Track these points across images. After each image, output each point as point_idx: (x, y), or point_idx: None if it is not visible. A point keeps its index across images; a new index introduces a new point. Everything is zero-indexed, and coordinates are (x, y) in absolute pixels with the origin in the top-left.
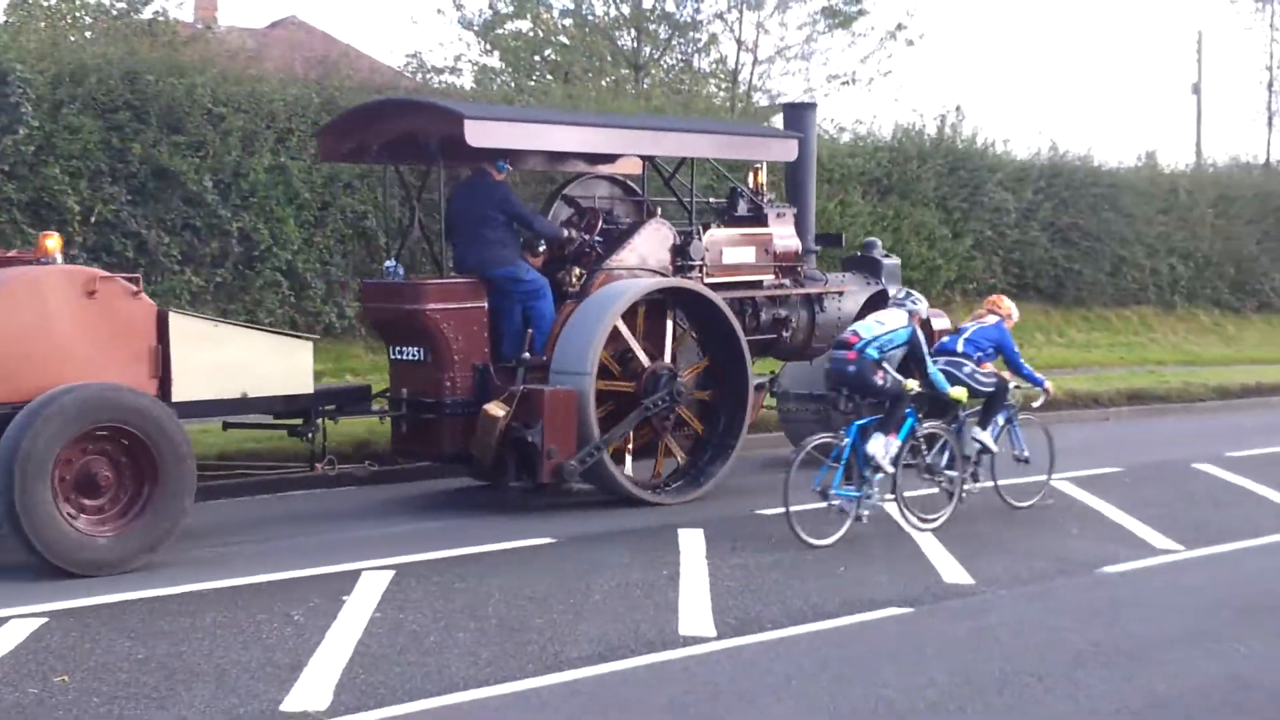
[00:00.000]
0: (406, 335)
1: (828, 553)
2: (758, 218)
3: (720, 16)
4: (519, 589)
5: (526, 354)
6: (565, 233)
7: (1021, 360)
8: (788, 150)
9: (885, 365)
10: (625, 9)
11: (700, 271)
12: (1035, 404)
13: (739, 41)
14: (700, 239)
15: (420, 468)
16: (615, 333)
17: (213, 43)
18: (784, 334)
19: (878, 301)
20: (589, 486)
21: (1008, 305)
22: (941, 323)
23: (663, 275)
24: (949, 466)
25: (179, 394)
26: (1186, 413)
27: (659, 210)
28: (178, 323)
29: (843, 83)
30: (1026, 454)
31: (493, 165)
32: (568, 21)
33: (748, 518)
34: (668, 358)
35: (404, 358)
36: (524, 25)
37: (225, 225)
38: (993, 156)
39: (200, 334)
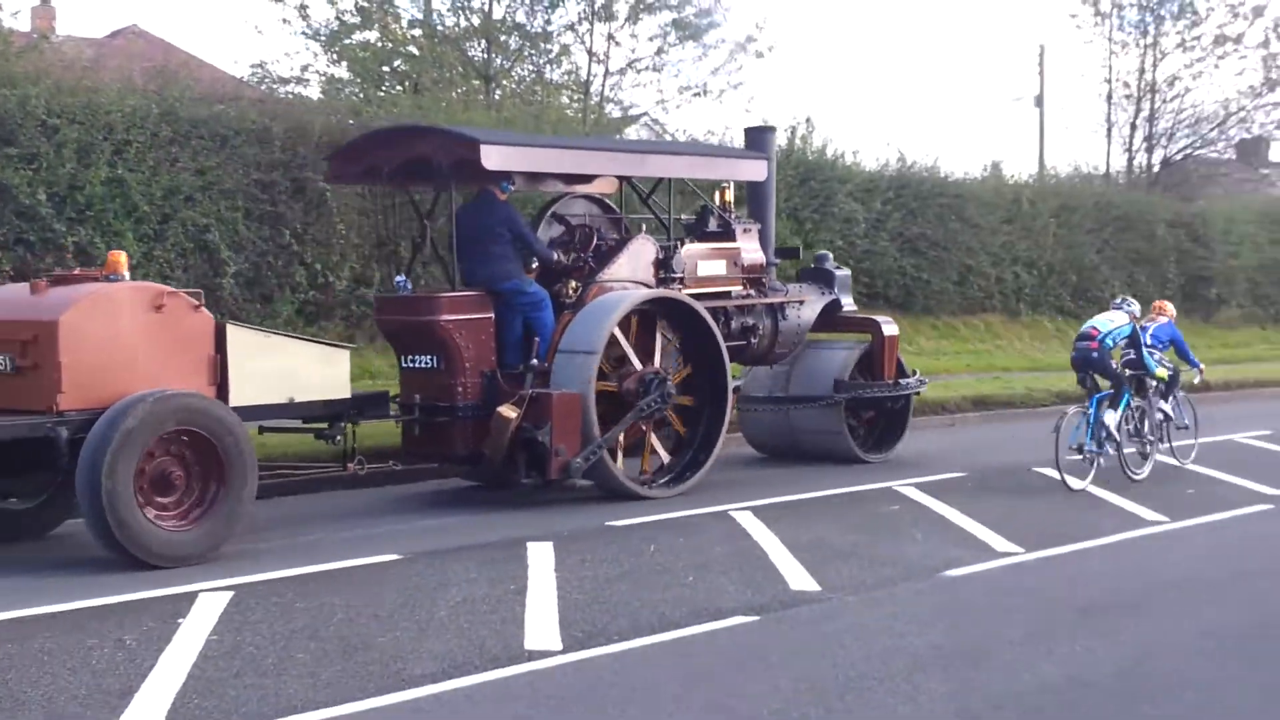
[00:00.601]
0: (420, 344)
1: (676, 563)
2: (727, 233)
3: (572, 28)
4: (362, 607)
5: (535, 361)
6: (554, 255)
7: (1188, 348)
8: (758, 170)
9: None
10: (475, 20)
11: (680, 283)
12: (1195, 381)
13: (590, 53)
14: (679, 253)
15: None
16: (611, 339)
17: (48, 53)
18: (752, 340)
19: (832, 310)
20: (589, 483)
21: (1171, 309)
22: (890, 329)
23: (648, 287)
24: (1149, 430)
25: (235, 399)
26: (1030, 418)
27: (644, 227)
28: (234, 333)
29: (694, 94)
30: (1187, 422)
31: (497, 186)
32: (416, 32)
33: (598, 530)
34: (657, 363)
35: (416, 365)
36: (372, 36)
37: (60, 240)
38: (842, 168)
39: (253, 343)
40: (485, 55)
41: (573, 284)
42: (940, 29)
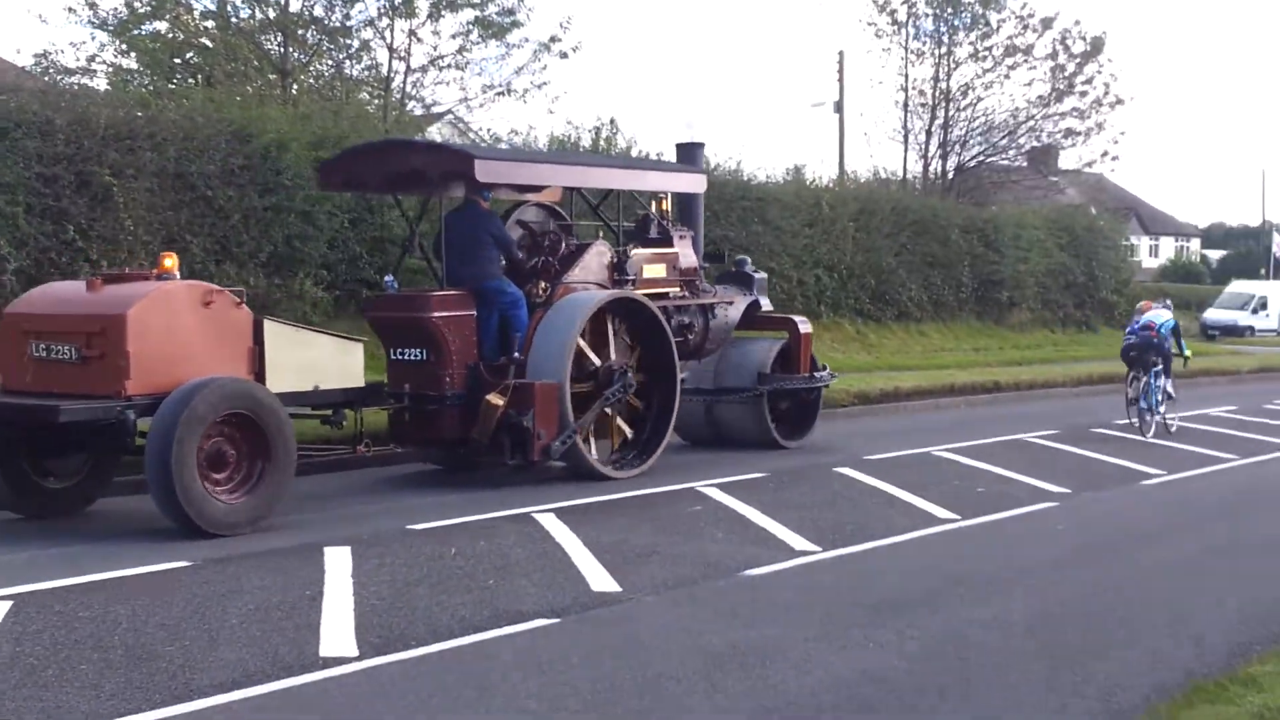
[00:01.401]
0: (410, 339)
1: (477, 566)
2: (665, 239)
3: (372, 23)
4: (149, 616)
5: (517, 354)
6: (522, 257)
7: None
8: (698, 183)
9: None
10: (272, 12)
11: (632, 284)
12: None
13: (391, 49)
14: (630, 258)
15: None
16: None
17: None
18: (689, 337)
19: (752, 310)
20: (564, 464)
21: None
22: (805, 327)
23: (604, 288)
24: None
25: (271, 386)
26: (829, 418)
27: (600, 233)
28: (270, 327)
29: (498, 93)
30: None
31: (479, 196)
32: (210, 24)
33: (398, 534)
34: (613, 356)
35: (405, 358)
36: (163, 26)
37: None
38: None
39: (285, 336)
40: (282, 49)
41: (542, 285)
42: (744, 34)
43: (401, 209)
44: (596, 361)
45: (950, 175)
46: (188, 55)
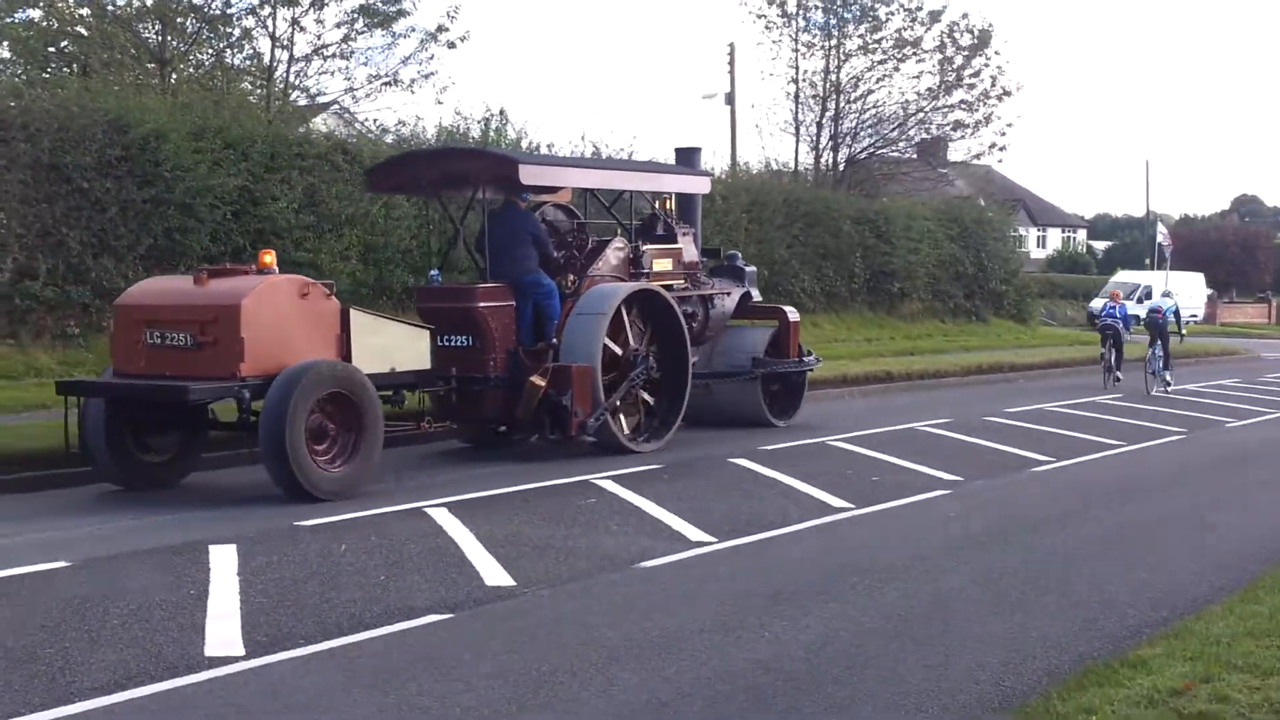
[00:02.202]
0: (456, 327)
1: (368, 562)
2: (670, 236)
3: (253, 11)
4: (27, 618)
5: (555, 340)
6: (556, 255)
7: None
8: (704, 184)
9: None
10: (149, 0)
11: (646, 278)
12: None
13: (274, 38)
14: (644, 253)
15: None
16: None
17: None
18: (692, 325)
19: (744, 300)
20: (595, 439)
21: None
22: (793, 315)
23: (622, 280)
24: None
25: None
26: None
27: (618, 231)
28: (355, 316)
29: (384, 83)
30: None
31: (518, 198)
32: (85, 11)
33: (286, 531)
34: (632, 343)
35: (452, 344)
36: (36, 14)
37: None
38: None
39: (367, 324)
40: (160, 38)
41: (570, 277)
42: (636, 25)
43: (447, 210)
44: (617, 349)
45: (841, 167)
46: (62, 44)
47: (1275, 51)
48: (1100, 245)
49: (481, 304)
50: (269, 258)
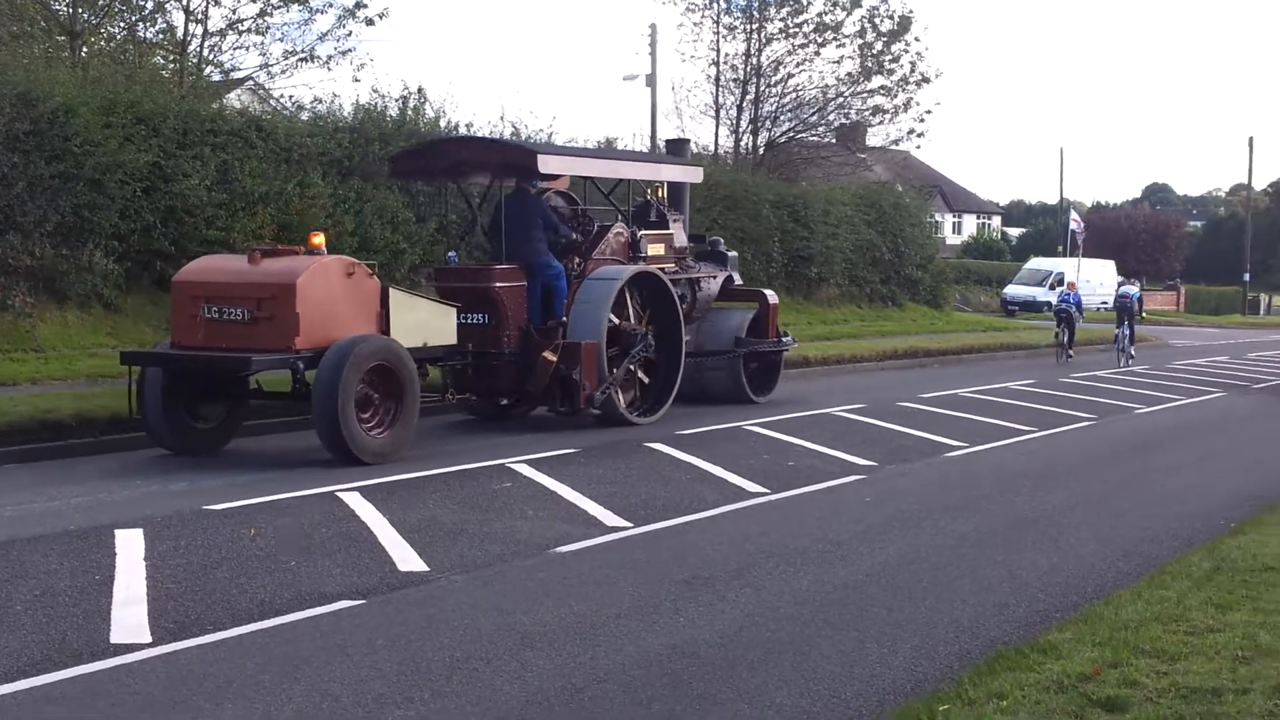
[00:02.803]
0: (474, 305)
1: (280, 547)
2: (663, 221)
3: None
4: None
5: (565, 318)
6: (571, 236)
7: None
8: (696, 174)
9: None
10: None
11: (644, 261)
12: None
13: (188, 12)
14: (641, 238)
15: None
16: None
17: None
18: (681, 306)
19: (727, 284)
20: (599, 411)
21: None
22: (773, 298)
23: (622, 263)
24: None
25: None
26: None
27: (619, 216)
28: (394, 294)
29: (300, 59)
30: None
31: (529, 184)
32: None
33: (194, 515)
34: (631, 321)
35: (469, 322)
36: None
37: None
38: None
39: (404, 302)
40: (71, 10)
41: (576, 259)
42: (557, 4)
43: (465, 196)
44: (619, 327)
45: (761, 151)
46: None
47: (1187, 43)
48: (1015, 232)
49: (497, 284)
50: (319, 239)
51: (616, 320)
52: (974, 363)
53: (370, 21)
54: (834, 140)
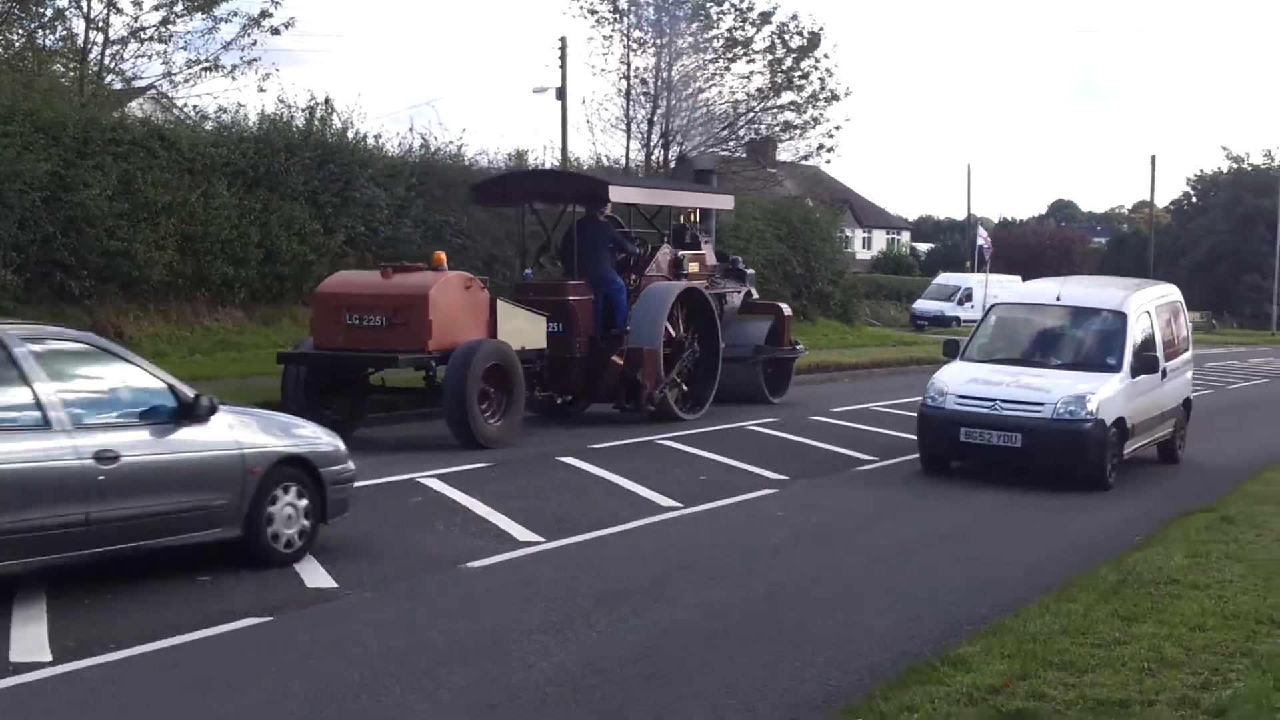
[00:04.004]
0: (549, 315)
1: (190, 564)
2: (696, 243)
3: None
4: None
5: (629, 328)
6: (637, 253)
7: None
8: (728, 202)
9: None
10: None
11: (685, 278)
12: None
13: (89, 19)
14: (683, 258)
15: None
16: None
17: None
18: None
19: (747, 297)
20: (654, 409)
21: None
22: (787, 310)
23: (668, 280)
24: None
25: None
26: (547, 412)
27: (665, 238)
28: (501, 304)
29: (204, 68)
30: None
31: (597, 209)
32: None
33: None
34: (680, 330)
35: (547, 330)
36: None
37: None
38: (364, 151)
39: (507, 311)
40: None
41: (633, 276)
42: (467, 16)
43: (541, 220)
44: (671, 335)
45: (672, 164)
46: None
47: (1091, 63)
48: (923, 247)
49: (570, 297)
50: (443, 257)
51: (673, 331)
52: (885, 377)
53: (276, 31)
54: (744, 155)
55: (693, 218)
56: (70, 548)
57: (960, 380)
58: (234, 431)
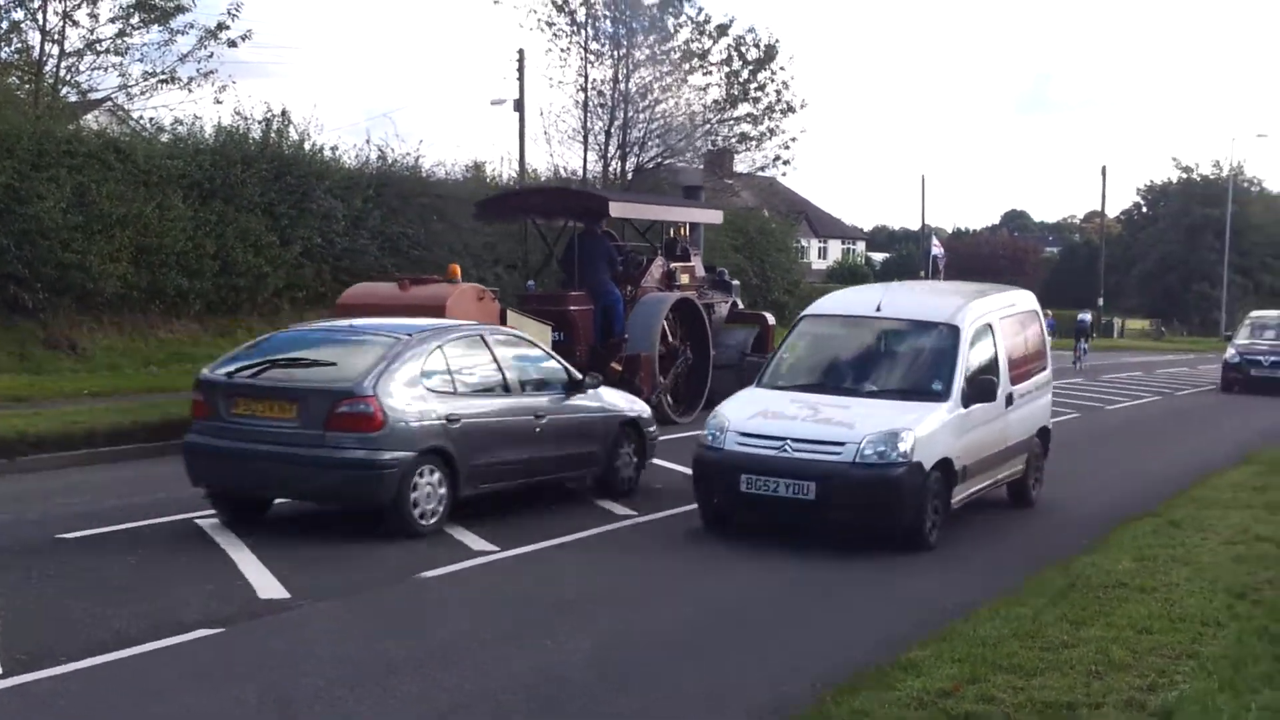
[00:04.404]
0: (555, 325)
1: (138, 576)
2: (686, 255)
3: (21, 3)
4: None
5: (627, 336)
6: (631, 267)
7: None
8: (717, 217)
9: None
10: None
11: (677, 289)
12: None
13: (44, 32)
14: (674, 269)
15: None
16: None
17: None
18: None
19: (733, 308)
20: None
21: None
22: (771, 320)
23: (662, 291)
24: None
25: None
26: None
27: (659, 250)
28: (510, 314)
29: (161, 80)
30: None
31: (596, 224)
32: None
33: (47, 544)
34: (672, 339)
35: (551, 339)
36: None
37: None
38: (320, 163)
39: (516, 320)
40: None
41: (629, 287)
42: (425, 28)
43: (542, 235)
44: (666, 343)
45: (630, 176)
46: None
47: (1043, 74)
48: (879, 257)
49: (572, 307)
50: (458, 269)
51: (668, 338)
52: None
53: (233, 43)
54: (702, 166)
55: (682, 232)
56: (519, 478)
57: (744, 414)
58: (602, 401)
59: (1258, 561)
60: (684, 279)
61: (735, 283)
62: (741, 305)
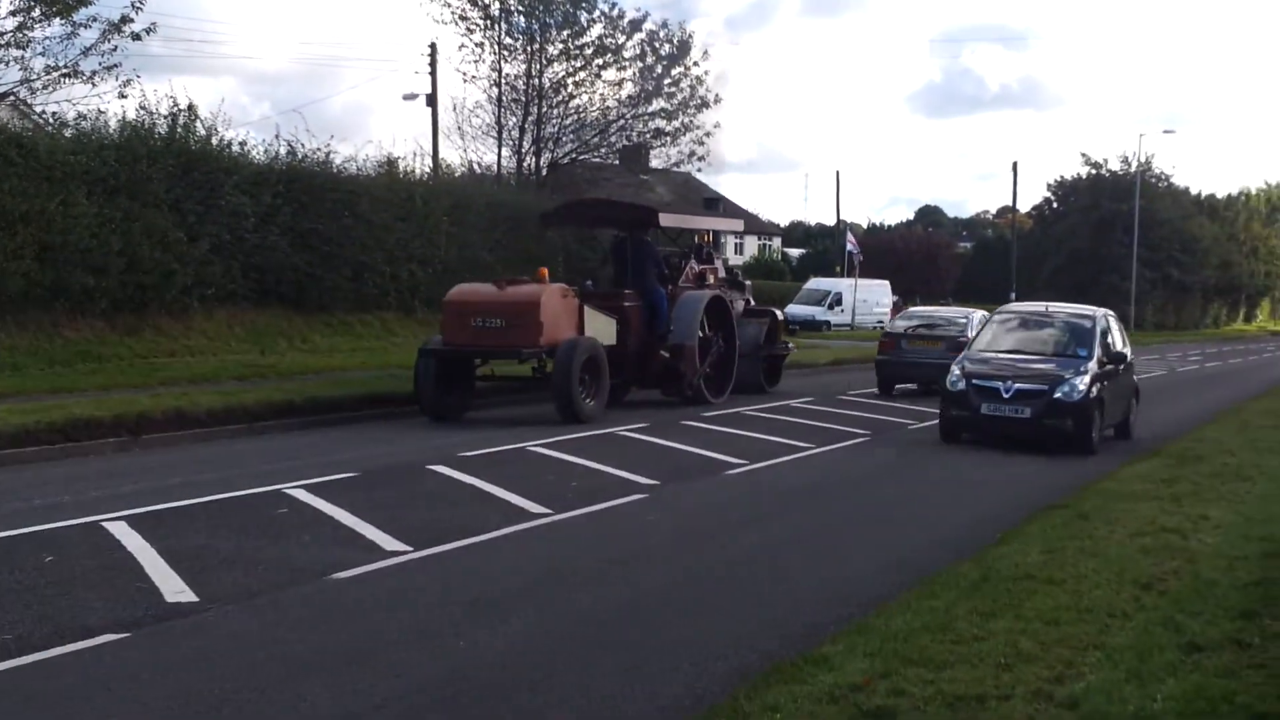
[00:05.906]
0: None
1: (41, 579)
2: (709, 258)
3: None
4: None
5: (671, 328)
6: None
7: None
8: (738, 225)
9: None
10: None
11: (706, 288)
12: None
13: None
14: (704, 270)
15: None
16: None
17: None
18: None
19: (747, 304)
20: (691, 394)
21: None
22: (780, 314)
23: (696, 289)
24: None
25: None
26: (415, 415)
27: (690, 254)
28: (587, 309)
29: (63, 74)
30: None
31: (644, 232)
32: None
33: None
34: (709, 331)
35: None
36: None
37: None
38: (229, 159)
39: (591, 314)
40: None
41: (670, 286)
42: (336, 22)
43: (597, 239)
44: (702, 334)
45: (544, 171)
46: None
47: (954, 71)
48: (795, 252)
49: (626, 304)
50: (546, 272)
51: (703, 330)
52: None
53: (137, 36)
54: (617, 162)
55: (707, 238)
56: None
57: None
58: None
59: (1163, 552)
60: (710, 279)
61: (748, 282)
62: (753, 302)
